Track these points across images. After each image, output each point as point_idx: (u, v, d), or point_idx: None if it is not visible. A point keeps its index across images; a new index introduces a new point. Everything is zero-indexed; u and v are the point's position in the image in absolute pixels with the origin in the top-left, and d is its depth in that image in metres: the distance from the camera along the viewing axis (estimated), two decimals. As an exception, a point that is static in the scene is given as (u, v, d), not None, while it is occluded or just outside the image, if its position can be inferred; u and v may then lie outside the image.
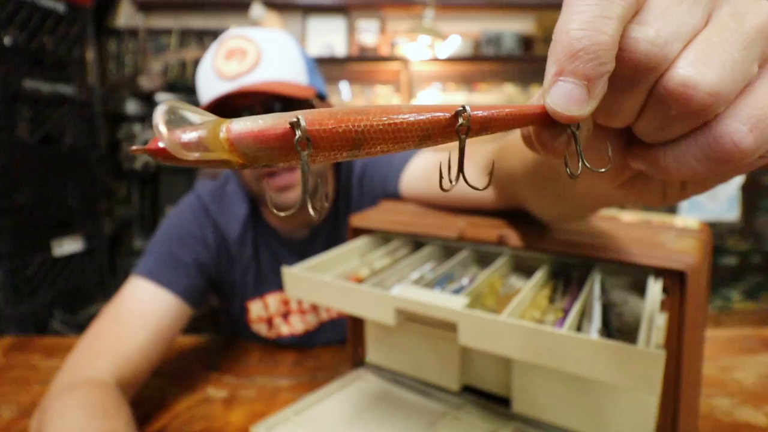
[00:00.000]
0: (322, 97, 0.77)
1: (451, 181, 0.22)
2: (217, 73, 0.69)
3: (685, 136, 0.19)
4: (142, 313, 0.69)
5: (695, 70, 0.17)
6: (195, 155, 0.17)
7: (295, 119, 0.18)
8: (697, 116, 0.18)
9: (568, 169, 0.21)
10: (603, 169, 0.21)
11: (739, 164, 0.18)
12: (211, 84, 0.70)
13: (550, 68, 0.18)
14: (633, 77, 0.18)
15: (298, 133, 0.18)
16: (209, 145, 0.18)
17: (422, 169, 0.77)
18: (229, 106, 0.69)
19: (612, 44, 0.17)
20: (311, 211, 0.20)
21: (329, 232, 0.86)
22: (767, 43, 0.18)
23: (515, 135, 0.51)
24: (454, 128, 0.19)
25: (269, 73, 0.69)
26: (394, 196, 0.81)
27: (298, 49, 0.75)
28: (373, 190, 0.84)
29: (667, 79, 0.18)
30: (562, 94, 0.18)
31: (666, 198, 0.23)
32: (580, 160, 0.20)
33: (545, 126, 0.20)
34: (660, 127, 0.19)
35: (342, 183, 0.86)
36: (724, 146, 0.18)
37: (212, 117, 0.18)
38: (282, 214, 0.21)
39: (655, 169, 0.20)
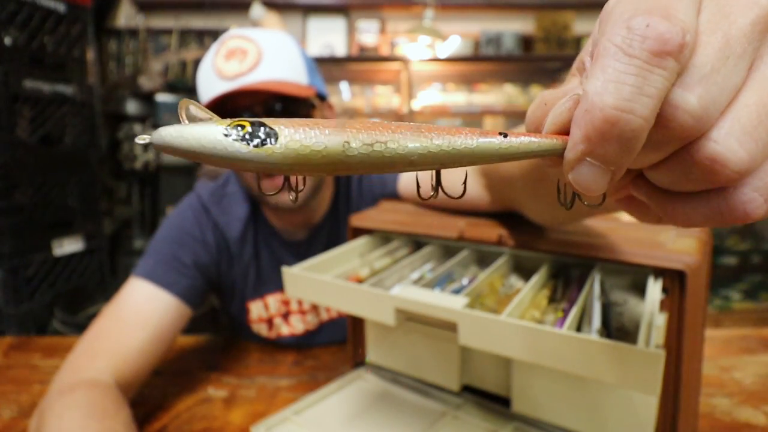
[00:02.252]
0: (322, 97, 0.77)
1: (432, 194, 0.21)
2: (217, 72, 0.69)
3: (696, 193, 0.18)
4: (141, 313, 0.69)
5: (727, 148, 0.16)
6: None
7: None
8: (717, 185, 0.17)
9: (559, 198, 0.21)
10: (595, 205, 0.20)
11: (748, 220, 0.18)
12: (211, 84, 0.70)
13: (579, 143, 0.17)
14: (662, 141, 0.17)
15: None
16: None
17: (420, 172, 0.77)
18: (229, 105, 0.69)
19: (647, 127, 0.16)
20: (290, 196, 0.19)
21: (329, 233, 0.86)
22: None
23: None
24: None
25: (269, 73, 0.69)
26: (393, 196, 0.81)
27: (298, 49, 0.75)
28: (372, 191, 0.85)
29: (697, 149, 0.17)
30: (587, 176, 0.17)
31: (661, 222, 0.23)
32: (575, 195, 0.20)
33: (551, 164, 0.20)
34: (675, 182, 0.18)
35: (341, 183, 0.86)
36: (735, 212, 0.17)
37: (216, 118, 0.18)
38: (270, 195, 0.20)
39: (658, 210, 0.20)
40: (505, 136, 0.19)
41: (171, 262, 0.75)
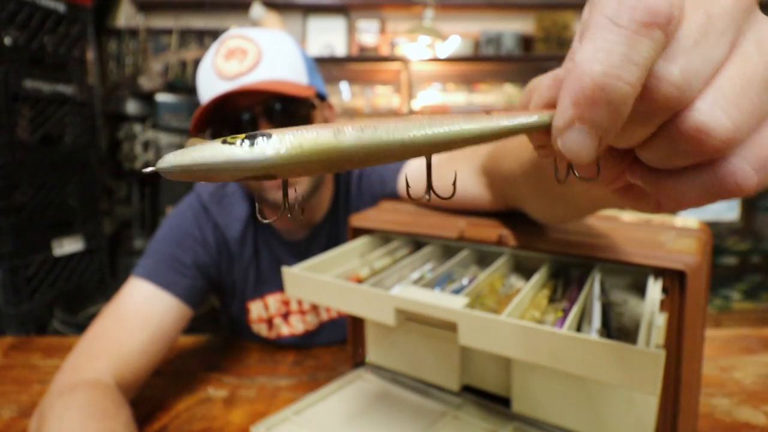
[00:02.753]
0: (322, 97, 0.77)
1: (425, 196, 0.21)
2: (217, 72, 0.69)
3: (688, 168, 0.19)
4: (141, 314, 0.69)
5: (712, 117, 0.17)
6: None
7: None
8: (706, 157, 0.18)
9: (556, 174, 0.21)
10: (589, 178, 0.21)
11: (738, 198, 0.18)
12: (210, 84, 0.70)
13: (568, 108, 0.17)
14: (648, 113, 0.18)
15: None
16: None
17: (419, 169, 0.77)
18: (229, 105, 0.69)
19: (634, 94, 0.16)
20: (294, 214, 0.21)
21: (329, 233, 0.86)
22: None
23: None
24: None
25: (269, 72, 0.69)
26: (392, 196, 0.81)
27: (298, 49, 0.75)
28: (372, 191, 0.85)
29: (682, 120, 0.17)
30: (576, 141, 0.17)
31: (660, 208, 0.23)
32: (570, 169, 0.20)
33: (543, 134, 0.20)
34: (665, 158, 0.19)
35: (341, 183, 0.86)
36: (726, 185, 0.18)
37: None
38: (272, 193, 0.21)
39: (654, 191, 0.20)
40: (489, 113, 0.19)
41: (171, 263, 0.75)
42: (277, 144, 0.17)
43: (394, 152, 0.18)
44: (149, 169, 0.18)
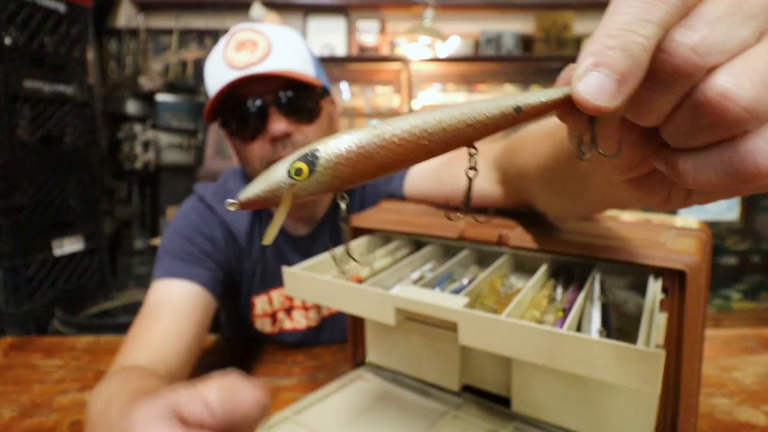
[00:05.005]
0: (326, 91, 0.78)
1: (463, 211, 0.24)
2: (228, 62, 0.70)
3: (709, 147, 0.19)
4: (167, 303, 0.70)
5: (736, 83, 0.17)
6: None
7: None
8: (728, 129, 0.18)
9: (580, 150, 0.21)
10: (611, 154, 0.21)
11: (755, 184, 0.18)
12: (221, 73, 0.71)
13: (585, 59, 0.18)
14: (668, 80, 0.18)
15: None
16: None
17: (427, 168, 0.78)
18: (239, 94, 0.70)
19: (648, 46, 0.17)
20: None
21: (332, 229, 0.86)
22: None
23: (527, 130, 0.52)
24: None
25: (280, 63, 0.70)
26: (397, 193, 0.82)
27: (304, 43, 0.77)
28: (376, 188, 0.85)
29: (705, 87, 0.18)
30: (593, 84, 0.18)
31: (669, 203, 0.24)
32: (593, 146, 0.20)
33: (567, 112, 0.20)
34: (687, 133, 0.19)
35: None
36: (745, 165, 0.18)
37: None
38: None
39: (673, 172, 0.20)
40: (519, 109, 0.20)
41: (187, 258, 0.76)
42: (326, 158, 0.19)
43: (439, 139, 0.19)
44: (233, 205, 0.21)
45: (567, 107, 0.20)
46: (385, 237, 0.67)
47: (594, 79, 0.18)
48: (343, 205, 0.21)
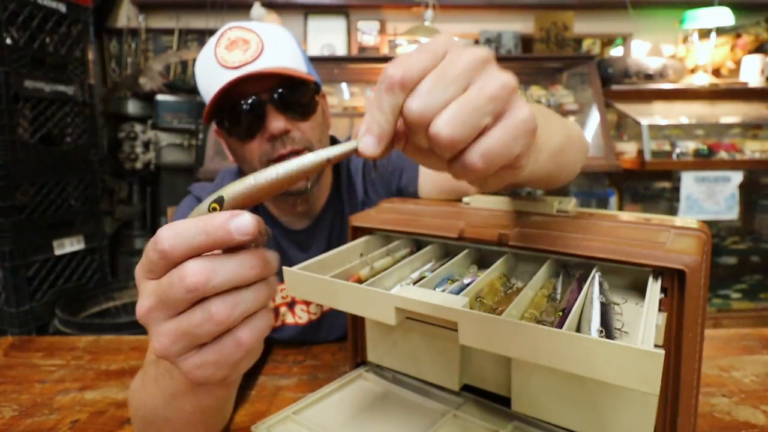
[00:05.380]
0: (319, 87, 0.79)
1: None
2: (221, 62, 0.70)
3: (452, 159, 0.30)
4: None
5: (439, 129, 0.28)
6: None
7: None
8: (448, 152, 0.29)
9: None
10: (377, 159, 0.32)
11: (481, 176, 0.29)
12: (214, 74, 0.71)
13: (362, 128, 0.30)
14: (412, 126, 0.30)
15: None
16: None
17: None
18: (235, 93, 0.70)
19: (389, 122, 0.30)
20: None
21: (331, 223, 0.86)
22: (498, 105, 0.28)
23: None
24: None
25: (273, 61, 0.71)
26: (410, 188, 0.83)
27: (295, 41, 0.78)
28: (388, 182, 0.86)
29: (428, 129, 0.28)
30: (366, 141, 0.30)
31: (482, 186, 0.34)
32: (375, 166, 0.41)
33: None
34: (430, 148, 0.30)
35: (342, 174, 0.87)
36: (466, 167, 0.29)
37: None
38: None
39: (448, 170, 0.31)
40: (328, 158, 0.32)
41: None
42: (229, 201, 0.32)
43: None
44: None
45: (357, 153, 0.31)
46: (385, 237, 0.67)
47: (366, 138, 0.30)
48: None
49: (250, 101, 0.70)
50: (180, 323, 0.31)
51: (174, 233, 0.30)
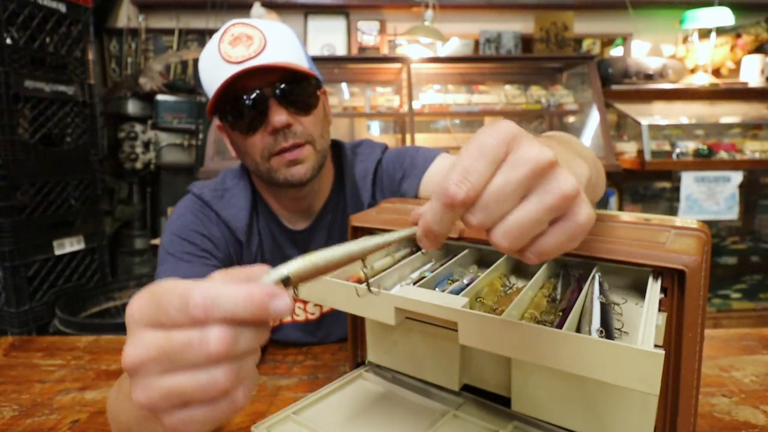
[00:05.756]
0: (320, 83, 0.80)
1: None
2: (224, 57, 0.71)
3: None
4: None
5: (497, 241, 0.29)
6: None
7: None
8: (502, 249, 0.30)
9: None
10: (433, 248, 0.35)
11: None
12: (217, 69, 0.71)
13: (419, 229, 0.32)
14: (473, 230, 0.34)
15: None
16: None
17: (445, 168, 0.80)
18: (238, 88, 0.71)
19: (446, 231, 0.31)
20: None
21: (330, 223, 0.87)
22: (558, 213, 0.29)
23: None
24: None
25: (276, 56, 0.71)
26: (410, 193, 0.83)
27: (296, 37, 0.79)
28: (391, 183, 0.87)
29: (487, 234, 0.30)
30: (424, 243, 0.33)
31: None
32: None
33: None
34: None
35: (346, 175, 0.87)
36: (495, 245, 0.30)
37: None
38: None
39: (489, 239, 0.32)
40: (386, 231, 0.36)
41: (188, 258, 0.76)
42: (293, 275, 0.33)
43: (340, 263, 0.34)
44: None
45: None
46: (385, 237, 0.67)
47: (424, 241, 0.32)
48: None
49: (252, 95, 0.71)
50: (178, 382, 0.28)
51: (211, 298, 0.28)
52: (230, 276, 0.32)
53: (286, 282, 0.32)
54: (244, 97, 0.71)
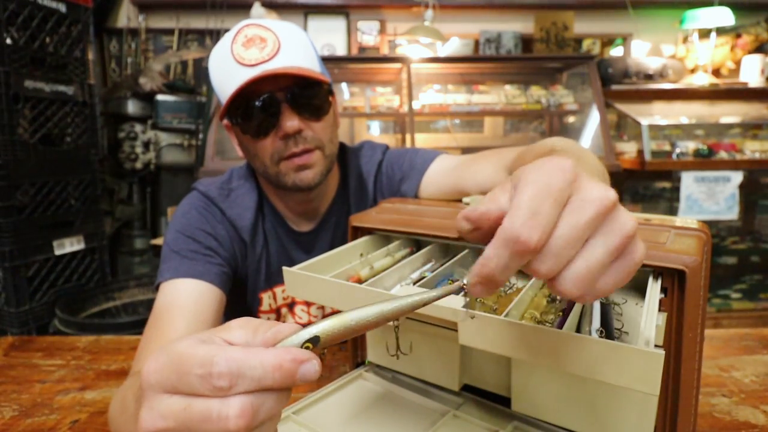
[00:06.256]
0: (331, 89, 0.79)
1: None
2: (237, 60, 0.70)
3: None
4: (179, 306, 0.68)
5: (564, 288, 0.28)
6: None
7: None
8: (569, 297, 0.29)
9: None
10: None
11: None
12: (231, 71, 0.71)
13: (473, 278, 0.30)
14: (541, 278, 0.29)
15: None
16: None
17: (445, 169, 0.82)
18: (251, 91, 0.70)
19: (506, 278, 0.29)
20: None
21: (335, 225, 0.87)
22: (619, 254, 0.28)
23: (532, 147, 0.60)
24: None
25: (290, 60, 0.71)
26: (409, 194, 0.84)
27: (309, 39, 0.78)
28: (391, 184, 0.87)
29: (555, 284, 0.28)
30: (479, 292, 0.30)
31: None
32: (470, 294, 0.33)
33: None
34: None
35: (351, 176, 0.87)
36: (562, 293, 0.28)
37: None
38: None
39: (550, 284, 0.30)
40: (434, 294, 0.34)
41: (193, 256, 0.75)
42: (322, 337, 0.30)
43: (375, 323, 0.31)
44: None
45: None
46: (385, 237, 0.67)
47: (478, 288, 0.30)
48: None
49: (265, 99, 0.71)
50: None
51: (237, 367, 0.26)
52: (252, 329, 0.30)
53: (315, 342, 0.30)
54: (256, 101, 0.71)
